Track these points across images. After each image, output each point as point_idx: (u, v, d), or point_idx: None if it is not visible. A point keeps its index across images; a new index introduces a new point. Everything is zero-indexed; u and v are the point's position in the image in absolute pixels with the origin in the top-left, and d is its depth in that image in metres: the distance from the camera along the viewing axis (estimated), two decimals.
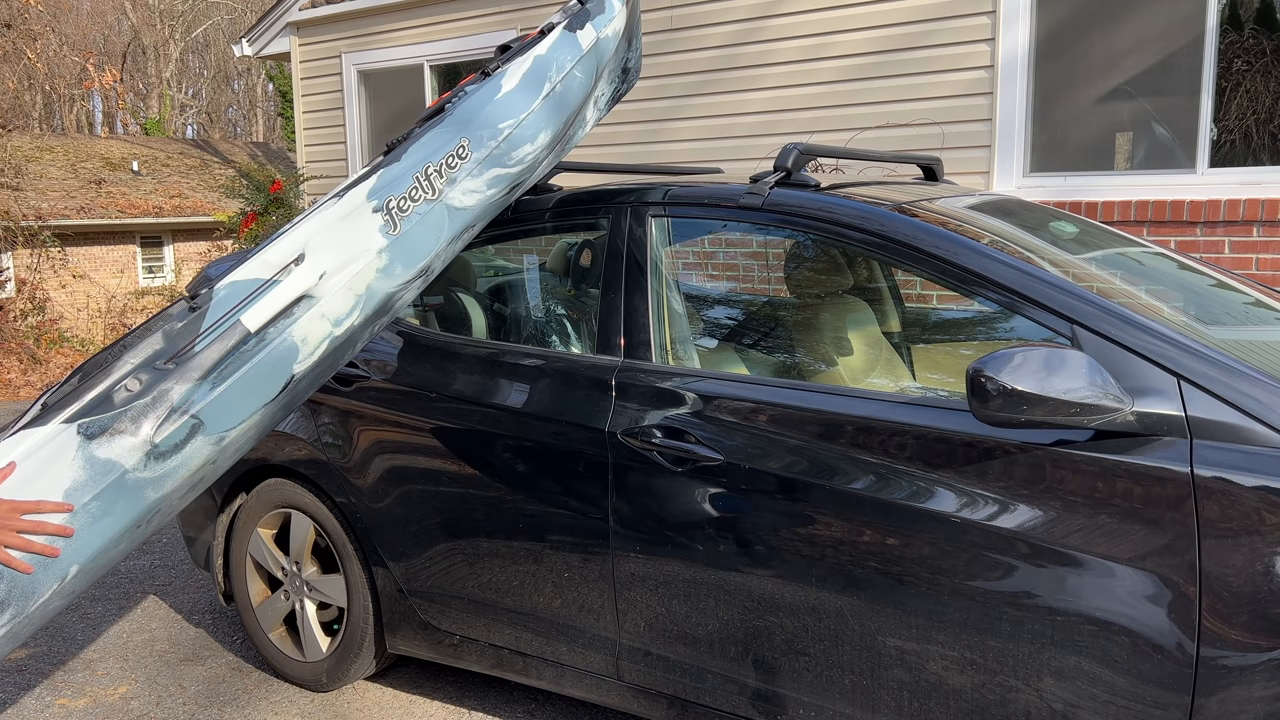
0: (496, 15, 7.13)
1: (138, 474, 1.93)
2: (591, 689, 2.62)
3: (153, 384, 1.98)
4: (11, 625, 1.84)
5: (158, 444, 1.95)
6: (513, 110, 2.49)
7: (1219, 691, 1.79)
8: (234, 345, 2.06)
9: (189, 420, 1.99)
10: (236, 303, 2.09)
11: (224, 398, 2.04)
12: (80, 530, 1.88)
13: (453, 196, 2.37)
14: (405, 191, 2.29)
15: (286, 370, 2.13)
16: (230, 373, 2.05)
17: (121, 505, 1.92)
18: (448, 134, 2.39)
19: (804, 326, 3.12)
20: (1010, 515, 1.97)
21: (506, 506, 2.63)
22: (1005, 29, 5.18)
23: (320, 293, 2.17)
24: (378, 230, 2.24)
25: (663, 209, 2.64)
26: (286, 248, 2.17)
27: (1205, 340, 1.99)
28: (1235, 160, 4.84)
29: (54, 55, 24.49)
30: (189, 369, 2.01)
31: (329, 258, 2.19)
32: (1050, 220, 2.84)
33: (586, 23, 2.71)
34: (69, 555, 1.87)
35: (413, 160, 2.34)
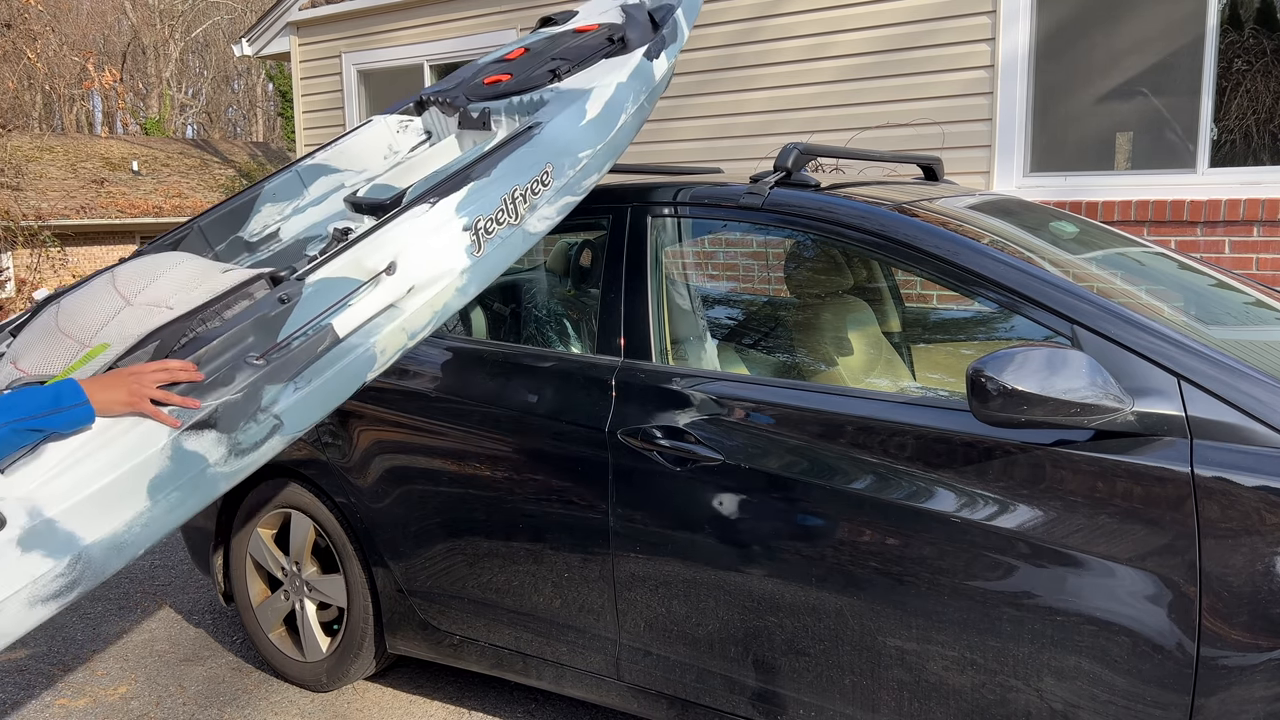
0: (496, 15, 7.13)
1: (217, 468, 1.93)
2: (592, 689, 2.62)
3: (243, 379, 1.94)
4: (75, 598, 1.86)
5: (240, 441, 1.94)
6: (592, 140, 2.49)
7: (1219, 691, 1.79)
8: (321, 350, 2.03)
9: (272, 420, 1.97)
10: (327, 305, 2.04)
11: (304, 401, 2.01)
12: (155, 518, 1.87)
13: (530, 222, 2.36)
14: (493, 214, 2.27)
15: (360, 378, 2.11)
16: (314, 377, 2.02)
17: (197, 496, 1.92)
18: (535, 158, 2.36)
19: (804, 326, 3.12)
20: (1010, 515, 1.97)
21: (506, 506, 2.62)
22: (1005, 29, 5.18)
23: (405, 306, 2.13)
24: (464, 250, 2.22)
25: (662, 209, 2.64)
26: (379, 254, 2.12)
27: (1205, 340, 1.99)
28: (1235, 160, 4.84)
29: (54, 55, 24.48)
30: (278, 369, 1.97)
31: (419, 272, 2.15)
32: (1050, 220, 2.84)
33: (662, 51, 2.72)
34: (136, 541, 1.87)
35: (503, 179, 2.30)
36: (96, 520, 1.80)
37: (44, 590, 1.78)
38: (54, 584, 1.78)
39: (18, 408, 1.73)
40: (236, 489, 3.27)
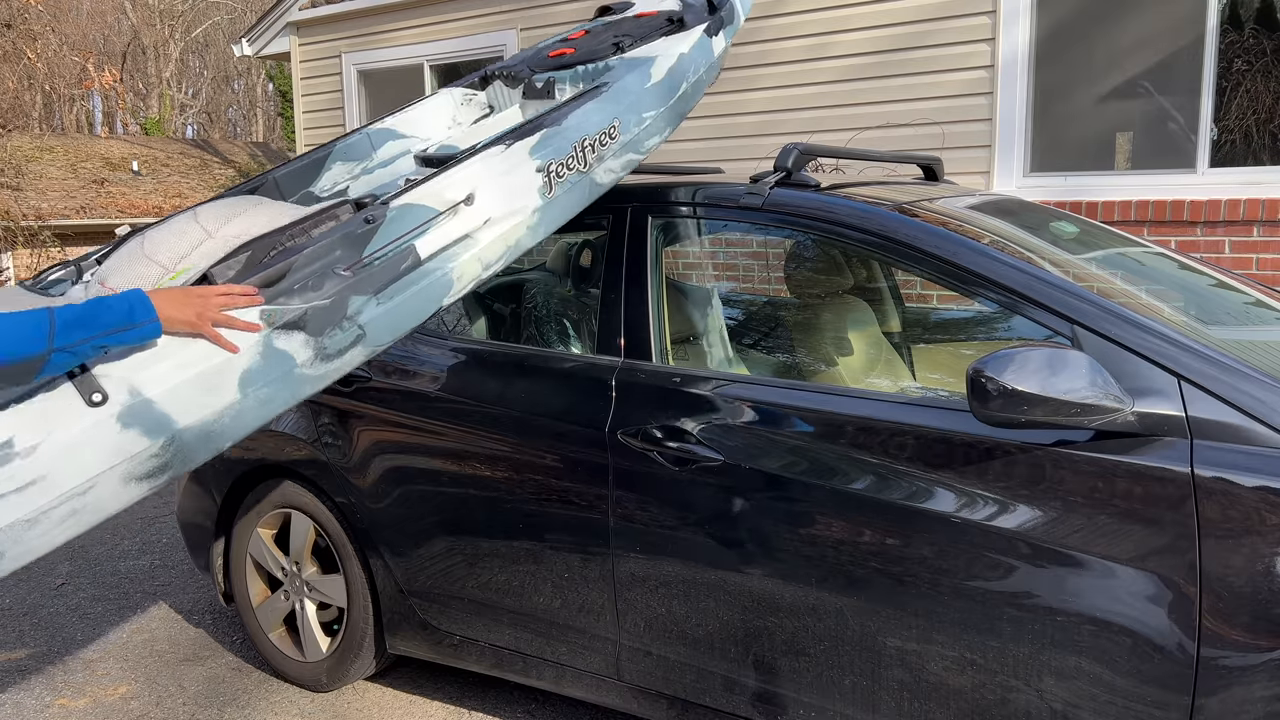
0: (496, 15, 7.13)
1: (304, 370, 2.01)
2: (592, 689, 2.62)
3: (331, 288, 2.04)
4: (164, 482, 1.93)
5: (326, 346, 2.03)
6: (655, 102, 2.62)
7: (1219, 692, 1.79)
8: (404, 269, 2.13)
9: (356, 330, 2.07)
10: (409, 228, 2.15)
11: (386, 315, 2.11)
12: (243, 412, 1.94)
13: (597, 172, 2.48)
14: (564, 159, 2.38)
15: (437, 301, 2.21)
16: (396, 294, 2.12)
17: (283, 396, 2.00)
18: (606, 111, 2.49)
19: (804, 326, 3.12)
20: (1010, 515, 1.97)
21: (506, 506, 2.62)
22: (1005, 29, 5.18)
23: (481, 237, 2.25)
24: (536, 190, 2.33)
25: (663, 209, 2.64)
26: (458, 187, 2.24)
27: (1205, 340, 1.99)
28: (1235, 160, 4.84)
29: (54, 55, 24.49)
30: (364, 281, 2.07)
31: (494, 205, 2.27)
32: (1050, 220, 2.84)
33: (720, 30, 2.86)
34: (229, 433, 1.95)
35: (575, 128, 2.42)
36: (190, 407, 1.87)
37: (138, 469, 1.84)
38: (148, 463, 1.85)
39: (97, 322, 1.77)
40: (237, 489, 3.27)
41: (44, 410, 1.77)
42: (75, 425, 1.77)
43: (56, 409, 1.77)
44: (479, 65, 7.49)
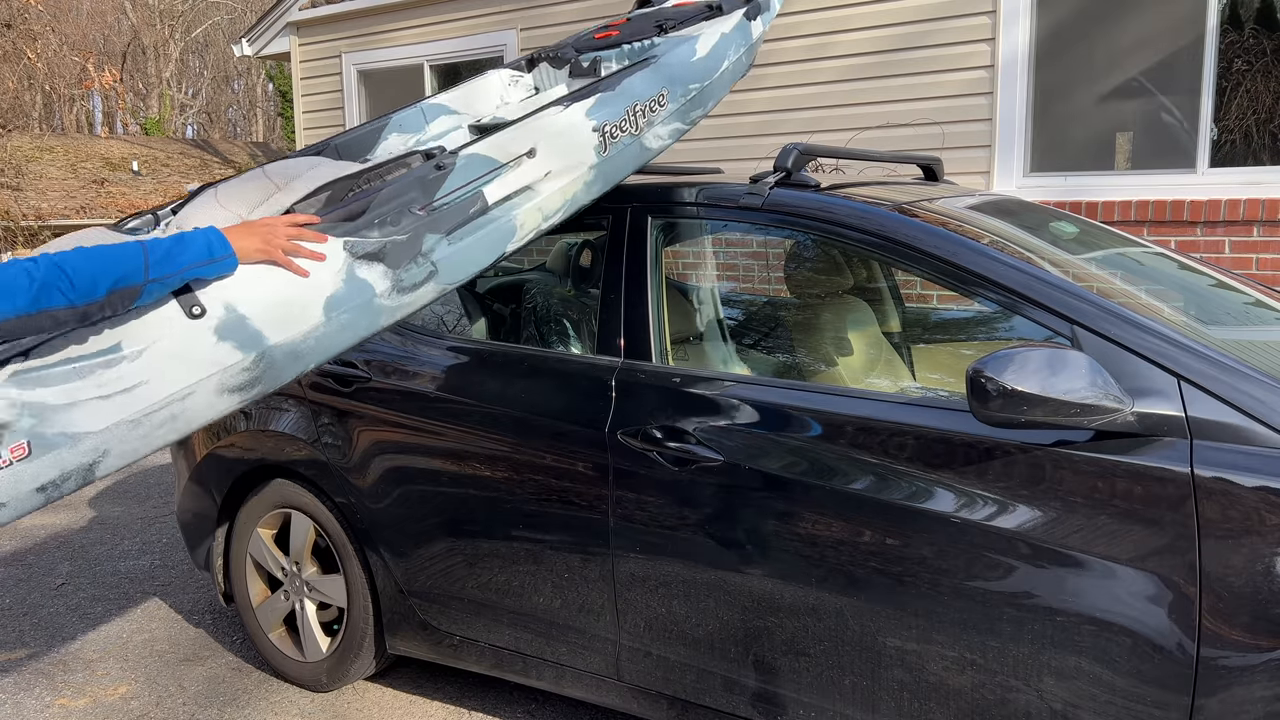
0: (496, 15, 7.13)
1: (382, 300, 2.13)
2: (591, 689, 2.62)
3: (408, 224, 2.17)
4: (253, 399, 2.04)
5: (402, 279, 2.16)
6: (700, 75, 2.78)
7: (1219, 692, 1.79)
8: (473, 212, 2.27)
9: (429, 266, 2.20)
10: (477, 175, 2.30)
11: (456, 255, 2.24)
12: (326, 335, 2.07)
13: (647, 137, 2.62)
14: (618, 121, 2.53)
15: (501, 246, 2.33)
16: (465, 235, 2.26)
17: (362, 324, 2.12)
18: (655, 80, 2.64)
19: (804, 326, 3.12)
20: (1010, 516, 1.97)
21: (506, 507, 2.63)
22: (1005, 29, 5.18)
23: (541, 189, 2.38)
24: (592, 148, 2.47)
25: (662, 209, 2.64)
26: (520, 141, 2.37)
27: (1205, 340, 1.99)
28: (1235, 160, 4.84)
29: (54, 55, 24.49)
30: (437, 220, 2.21)
31: (555, 160, 2.40)
32: (1050, 220, 2.84)
33: (759, 15, 3.03)
34: (313, 355, 2.07)
35: (627, 93, 2.57)
36: (280, 325, 2.00)
37: (231, 380, 1.95)
38: (240, 376, 1.96)
39: (183, 256, 1.89)
40: (237, 489, 3.27)
41: (147, 320, 1.89)
42: (176, 336, 1.89)
43: (159, 319, 1.89)
44: (479, 65, 7.50)
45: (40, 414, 1.74)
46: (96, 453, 1.81)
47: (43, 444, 1.74)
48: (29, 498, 1.76)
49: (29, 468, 1.74)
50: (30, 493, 1.76)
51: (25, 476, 1.74)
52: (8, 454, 1.71)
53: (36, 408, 1.74)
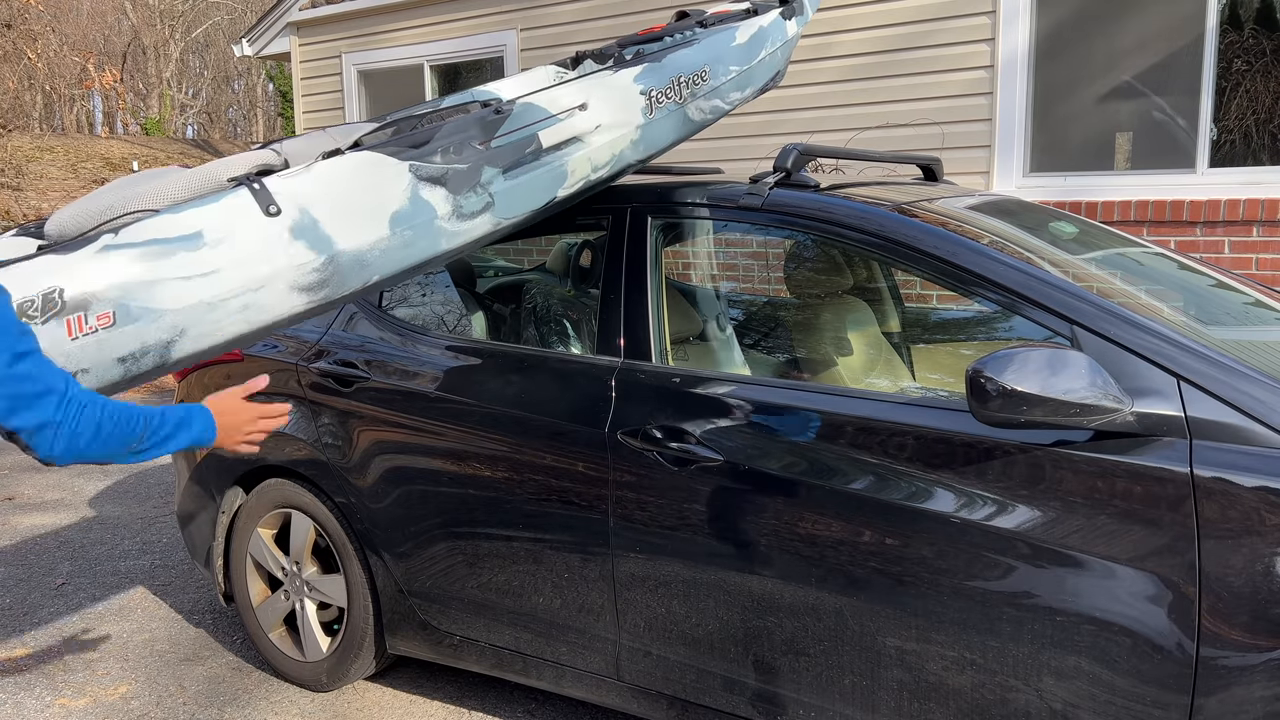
0: (496, 15, 7.13)
1: (441, 223, 2.24)
2: (591, 689, 2.62)
3: (468, 156, 2.30)
4: (319, 304, 2.13)
5: (461, 205, 2.27)
6: (739, 60, 2.94)
7: (1219, 692, 1.79)
8: (529, 152, 2.39)
9: (486, 196, 2.31)
10: (532, 120, 2.42)
11: (511, 190, 2.36)
12: (390, 249, 2.17)
13: (690, 108, 2.77)
14: (663, 88, 2.67)
15: (552, 191, 2.45)
16: (520, 174, 2.38)
17: (421, 244, 2.22)
18: (697, 57, 2.80)
19: (804, 327, 3.12)
20: (1010, 516, 1.97)
21: (506, 507, 2.63)
22: (1005, 29, 5.18)
23: (591, 141, 2.51)
24: (639, 109, 2.61)
25: (662, 209, 2.64)
26: (571, 96, 2.51)
27: (1205, 340, 1.99)
28: (1235, 160, 4.84)
29: (54, 55, 24.50)
30: (496, 155, 2.34)
31: (604, 114, 2.54)
32: (1050, 220, 2.84)
33: (794, 16, 3.21)
34: (376, 266, 2.17)
35: (671, 65, 2.73)
36: (349, 233, 2.10)
37: (302, 279, 2.05)
38: (310, 276, 2.06)
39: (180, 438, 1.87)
40: (239, 486, 3.27)
41: (228, 212, 1.98)
42: (252, 230, 1.99)
43: (238, 212, 1.99)
44: (479, 66, 7.50)
45: (126, 288, 1.83)
46: (174, 331, 1.89)
47: (126, 316, 1.82)
48: (110, 367, 1.84)
49: (112, 337, 1.81)
50: (112, 362, 1.83)
51: (108, 345, 1.81)
52: (95, 321, 1.79)
53: (123, 282, 1.83)
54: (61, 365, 1.77)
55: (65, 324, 1.76)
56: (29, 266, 1.78)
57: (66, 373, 1.71)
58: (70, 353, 1.77)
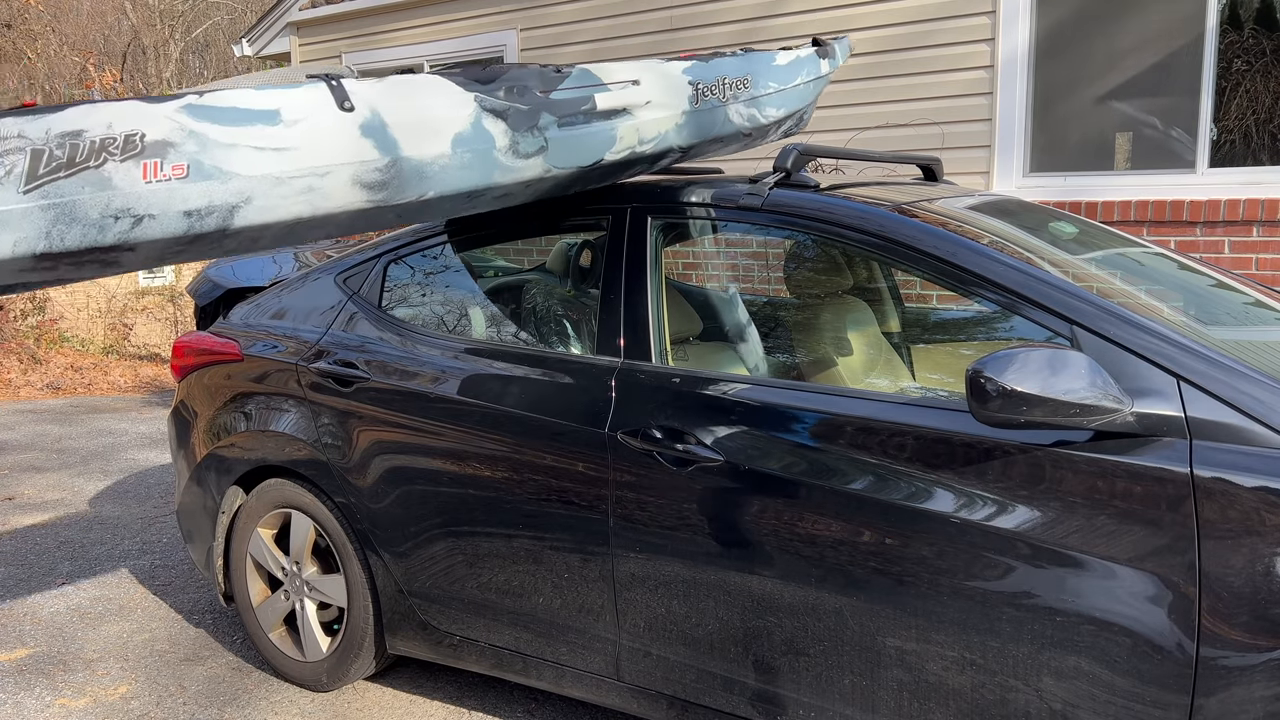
0: (496, 15, 7.13)
1: (497, 155, 2.34)
2: (591, 689, 2.62)
3: (529, 100, 2.42)
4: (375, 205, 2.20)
5: (518, 143, 2.37)
6: (778, 78, 3.14)
7: (1219, 692, 1.79)
8: (584, 109, 2.50)
9: (541, 139, 2.42)
10: (589, 83, 2.56)
11: (564, 141, 2.46)
12: (448, 168, 2.27)
13: (730, 110, 2.93)
14: (709, 84, 2.84)
15: (600, 153, 2.55)
16: (574, 128, 2.49)
17: (476, 170, 2.32)
18: (741, 65, 2.99)
19: (804, 327, 3.12)
20: (1010, 516, 1.97)
21: (506, 507, 2.63)
22: (1005, 29, 5.18)
23: (640, 115, 2.63)
24: (687, 97, 2.75)
25: (662, 209, 2.64)
26: (624, 72, 2.65)
27: (1205, 340, 1.99)
28: (1235, 160, 4.84)
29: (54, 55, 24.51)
30: (554, 105, 2.45)
31: (655, 93, 2.67)
32: (1050, 220, 2.84)
33: (827, 58, 3.43)
34: (434, 182, 2.26)
35: (717, 67, 2.90)
36: (414, 142, 2.20)
37: (365, 176, 2.13)
38: (373, 174, 2.15)
39: None
40: (239, 486, 3.27)
41: (306, 99, 2.07)
42: (326, 119, 2.08)
43: (315, 102, 2.08)
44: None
45: (203, 144, 1.91)
46: (240, 196, 1.96)
47: (199, 171, 1.90)
48: (176, 219, 1.89)
49: (183, 188, 1.88)
50: (178, 214, 1.89)
51: (178, 196, 1.88)
52: (169, 170, 1.86)
53: (201, 138, 1.91)
54: (132, 207, 1.84)
55: (142, 166, 1.83)
56: (118, 107, 1.85)
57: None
58: (142, 195, 1.84)
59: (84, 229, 1.80)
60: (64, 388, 9.23)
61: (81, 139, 1.77)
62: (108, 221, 1.82)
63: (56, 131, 1.75)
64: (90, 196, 1.79)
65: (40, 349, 10.46)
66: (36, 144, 1.74)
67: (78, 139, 1.77)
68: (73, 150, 1.75)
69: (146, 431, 7.05)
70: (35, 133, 1.74)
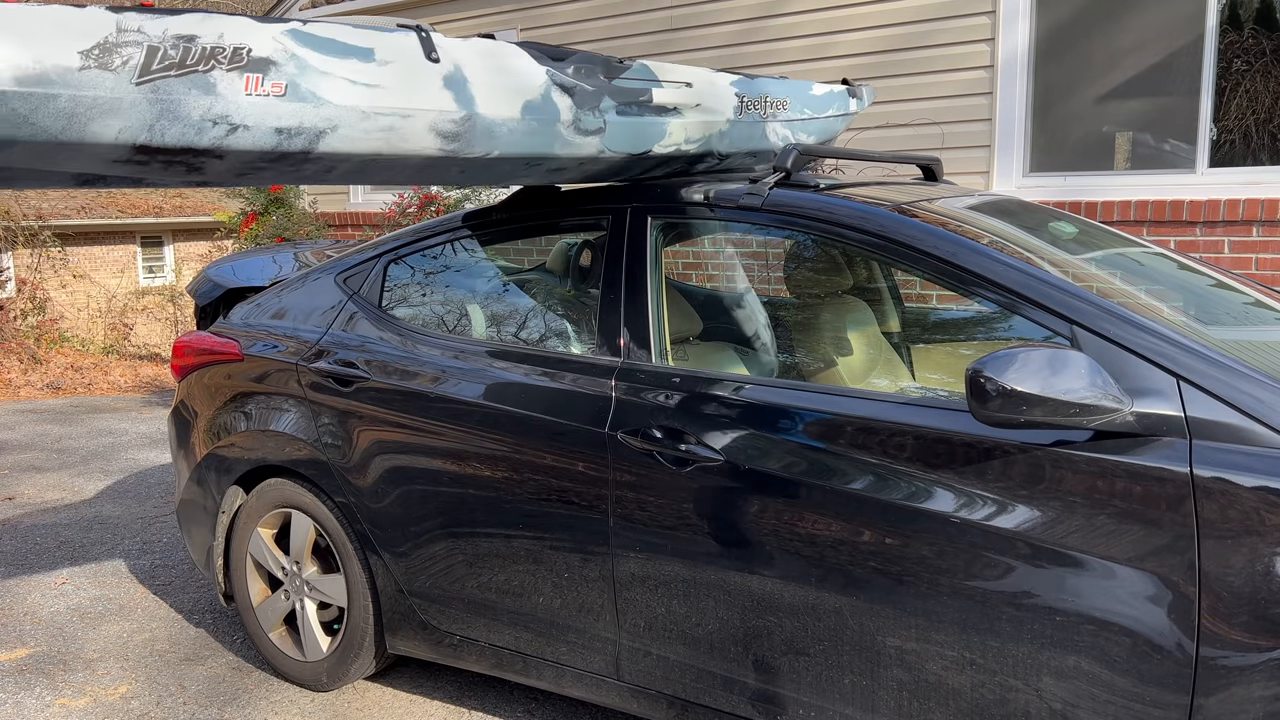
0: (496, 15, 7.13)
1: (559, 128, 2.46)
2: (591, 689, 2.62)
3: (593, 82, 2.56)
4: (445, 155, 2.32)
5: (580, 120, 2.50)
6: (814, 106, 3.37)
7: (1218, 691, 1.79)
8: (641, 100, 2.64)
9: (601, 120, 2.54)
10: (647, 76, 2.71)
11: (621, 126, 2.59)
12: (516, 131, 2.38)
13: (769, 127, 3.12)
14: (753, 100, 3.03)
15: (650, 143, 2.67)
16: (631, 115, 2.62)
17: (539, 138, 2.43)
18: (780, 88, 3.20)
19: (804, 326, 3.12)
20: (1010, 515, 1.97)
21: (506, 507, 2.63)
22: (1005, 29, 5.18)
23: (689, 116, 2.77)
24: (732, 107, 2.92)
25: (662, 209, 2.65)
26: (680, 74, 2.80)
27: (1205, 340, 1.99)
28: (1235, 160, 4.84)
29: None
30: (615, 91, 2.59)
31: (704, 97, 2.83)
32: (1050, 220, 2.84)
33: (853, 99, 3.66)
34: (499, 142, 2.37)
35: (760, 85, 3.09)
36: (488, 101, 2.32)
37: (441, 125, 2.25)
38: (448, 125, 2.26)
39: None
40: (239, 486, 3.27)
41: (398, 43, 2.19)
42: (415, 65, 2.20)
43: (406, 48, 2.20)
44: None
45: (302, 68, 2.01)
46: (328, 123, 2.06)
47: (295, 93, 2.00)
48: (267, 134, 1.99)
49: (279, 106, 1.98)
50: (270, 129, 1.99)
51: (273, 112, 1.97)
52: (269, 86, 1.96)
53: (301, 62, 2.01)
54: (230, 114, 1.93)
55: (245, 79, 1.93)
56: (231, 20, 1.95)
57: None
58: (241, 105, 1.93)
59: (184, 128, 1.88)
60: (64, 387, 9.24)
61: (194, 43, 1.86)
62: (206, 125, 1.90)
63: (173, 33, 1.84)
64: (194, 98, 1.87)
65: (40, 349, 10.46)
66: (153, 40, 1.81)
67: (191, 43, 1.85)
68: (185, 52, 1.84)
69: (146, 431, 7.06)
70: (154, 30, 1.82)
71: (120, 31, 1.78)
